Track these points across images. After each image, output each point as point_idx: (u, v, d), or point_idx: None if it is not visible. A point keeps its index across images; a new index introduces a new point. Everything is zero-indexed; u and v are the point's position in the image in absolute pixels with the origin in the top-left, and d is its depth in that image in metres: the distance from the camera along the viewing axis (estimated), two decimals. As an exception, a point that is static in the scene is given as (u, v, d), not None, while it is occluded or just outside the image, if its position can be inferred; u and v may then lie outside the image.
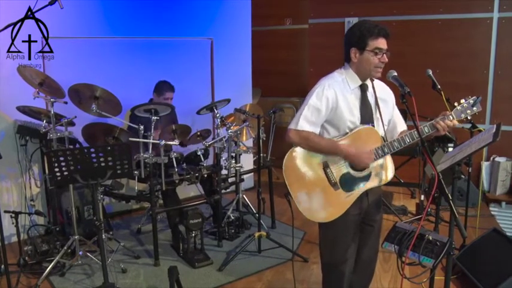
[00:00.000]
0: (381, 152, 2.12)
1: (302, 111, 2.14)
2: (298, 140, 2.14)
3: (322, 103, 2.11)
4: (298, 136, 2.14)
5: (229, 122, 4.06)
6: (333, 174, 2.15)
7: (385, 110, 2.23)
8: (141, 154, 3.42)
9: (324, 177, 2.15)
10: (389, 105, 2.28)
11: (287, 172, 2.16)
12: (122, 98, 3.49)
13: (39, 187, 4.02)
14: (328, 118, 2.15)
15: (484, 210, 4.60)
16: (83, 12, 4.14)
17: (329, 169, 2.15)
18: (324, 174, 2.15)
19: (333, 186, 2.15)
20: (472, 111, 2.10)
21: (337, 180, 2.15)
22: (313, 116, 2.13)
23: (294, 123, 2.15)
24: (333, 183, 2.14)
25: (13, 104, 3.58)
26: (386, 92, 2.28)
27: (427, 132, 2.09)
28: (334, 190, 2.15)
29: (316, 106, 2.12)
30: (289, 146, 2.19)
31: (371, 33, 2.05)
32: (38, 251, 3.44)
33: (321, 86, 2.14)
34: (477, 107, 2.10)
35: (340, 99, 2.12)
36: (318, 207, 2.16)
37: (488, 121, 5.03)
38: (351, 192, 2.17)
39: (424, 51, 5.13)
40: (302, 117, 2.13)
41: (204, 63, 4.97)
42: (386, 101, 2.25)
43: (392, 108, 2.30)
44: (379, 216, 2.36)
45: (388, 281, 3.23)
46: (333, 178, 2.14)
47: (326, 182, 2.15)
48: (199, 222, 3.51)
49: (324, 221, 2.18)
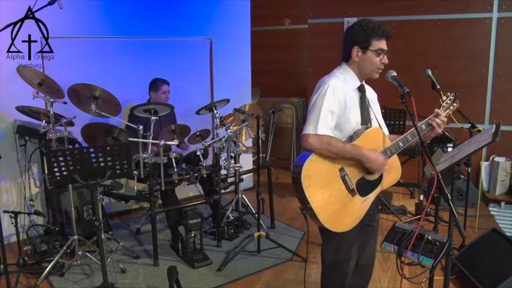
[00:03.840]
0: (389, 152, 2.11)
1: (319, 114, 2.01)
2: (320, 145, 1.98)
3: (335, 105, 2.03)
4: (319, 141, 1.98)
5: (229, 122, 4.05)
6: (350, 180, 2.07)
7: (376, 111, 2.25)
8: (140, 154, 3.42)
9: (342, 184, 2.05)
10: (377, 106, 2.31)
11: (306, 183, 1.95)
12: (121, 98, 3.50)
13: (39, 187, 4.02)
14: (336, 121, 2.08)
15: (483, 210, 4.61)
16: (83, 12, 4.14)
17: (346, 175, 2.05)
18: (341, 181, 2.05)
19: (350, 193, 2.06)
20: (454, 107, 2.23)
21: (354, 186, 2.08)
22: (329, 119, 2.02)
23: (312, 128, 2.00)
24: (350, 189, 2.06)
25: (12, 104, 3.58)
26: (373, 94, 2.29)
27: (424, 129, 2.13)
28: (352, 196, 2.07)
29: (330, 109, 2.02)
30: (289, 146, 2.19)
31: (375, 33, 2.04)
32: (37, 251, 3.44)
33: (330, 86, 2.04)
34: (456, 104, 2.24)
35: (348, 100, 2.08)
36: (340, 216, 2.04)
37: (488, 121, 5.03)
38: (367, 196, 2.11)
39: (424, 51, 5.14)
40: (320, 121, 1.99)
41: (203, 63, 4.98)
42: (374, 102, 2.27)
43: (379, 110, 2.32)
44: (377, 215, 2.37)
45: (387, 281, 3.23)
46: (350, 184, 2.06)
47: (344, 189, 2.05)
48: (198, 222, 3.51)
49: (346, 229, 2.06)
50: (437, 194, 3.43)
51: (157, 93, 4.07)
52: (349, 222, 2.07)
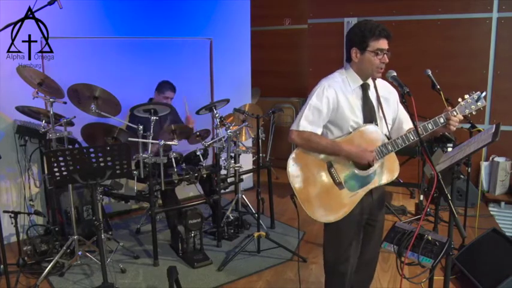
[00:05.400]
0: (385, 149, 2.11)
1: (303, 112, 2.15)
2: (300, 140, 2.14)
3: (322, 103, 2.11)
4: (300, 137, 2.14)
5: (229, 122, 4.05)
6: (337, 173, 2.14)
7: (387, 108, 2.21)
8: (140, 154, 3.42)
9: (329, 178, 2.15)
10: (393, 103, 2.27)
11: (292, 179, 2.15)
12: (121, 98, 3.49)
13: (39, 187, 4.02)
14: (330, 119, 2.15)
15: (483, 210, 4.61)
16: (83, 12, 4.14)
17: (333, 169, 2.14)
18: (328, 174, 2.15)
19: (337, 186, 2.14)
20: (477, 106, 2.10)
21: (342, 179, 2.14)
22: (314, 116, 2.13)
23: (296, 124, 2.16)
24: (337, 182, 2.14)
25: (12, 104, 3.58)
26: (389, 91, 2.27)
27: (431, 128, 2.09)
28: (339, 190, 2.14)
29: (316, 106, 2.12)
30: (289, 146, 2.20)
31: (372, 33, 2.05)
32: (37, 251, 3.44)
33: (321, 86, 2.14)
34: (481, 102, 2.10)
35: (341, 99, 2.12)
36: (324, 208, 2.15)
37: (488, 121, 5.03)
38: (356, 191, 2.16)
39: (424, 51, 5.13)
40: (303, 118, 2.13)
41: (203, 63, 4.98)
42: (388, 99, 2.24)
43: (396, 107, 2.29)
44: (381, 215, 2.36)
45: (387, 281, 3.23)
46: (337, 178, 2.14)
47: (331, 182, 2.14)
48: (198, 222, 3.51)
49: (331, 221, 2.17)
50: (437, 194, 3.43)
51: (160, 96, 4.08)
52: (335, 215, 2.16)
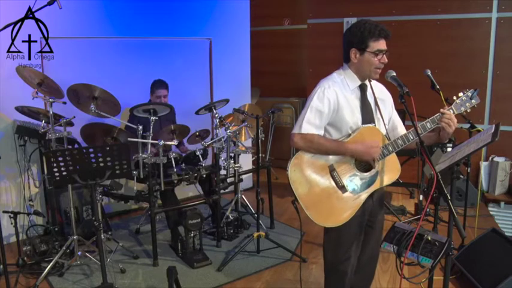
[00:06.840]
0: (386, 150, 2.11)
1: (305, 114, 2.11)
2: (304, 143, 2.09)
3: (324, 105, 2.09)
4: (303, 140, 2.09)
5: (228, 122, 4.05)
6: (340, 177, 2.11)
7: (384, 110, 2.22)
8: (139, 154, 3.41)
9: (331, 181, 2.11)
10: (388, 105, 2.28)
11: (295, 185, 2.08)
12: (121, 98, 3.49)
13: (38, 187, 4.02)
14: (330, 120, 2.13)
15: (482, 210, 4.61)
16: (83, 12, 4.14)
17: (335, 172, 2.10)
18: (331, 178, 2.11)
19: (340, 190, 2.10)
20: (471, 103, 2.10)
21: (345, 183, 2.11)
22: (316, 118, 2.10)
23: (298, 127, 2.11)
24: (340, 186, 2.10)
25: (12, 104, 3.58)
26: (384, 93, 2.27)
27: (429, 127, 2.08)
28: (342, 193, 2.10)
29: (318, 108, 2.09)
30: (288, 146, 2.20)
31: (372, 34, 2.03)
32: (36, 251, 3.44)
33: (321, 87, 2.11)
34: (476, 99, 2.10)
35: (341, 100, 2.10)
36: (328, 213, 2.11)
37: (487, 121, 5.04)
38: (359, 194, 2.13)
39: (423, 51, 5.14)
40: (305, 120, 2.09)
41: (202, 63, 4.98)
42: (384, 101, 2.25)
43: (391, 110, 2.30)
44: (380, 216, 2.35)
45: (387, 281, 3.23)
46: (340, 181, 2.10)
47: (334, 186, 2.10)
48: (198, 222, 3.51)
49: (334, 225, 2.12)
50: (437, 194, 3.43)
51: (153, 96, 4.05)
52: (338, 219, 2.11)
